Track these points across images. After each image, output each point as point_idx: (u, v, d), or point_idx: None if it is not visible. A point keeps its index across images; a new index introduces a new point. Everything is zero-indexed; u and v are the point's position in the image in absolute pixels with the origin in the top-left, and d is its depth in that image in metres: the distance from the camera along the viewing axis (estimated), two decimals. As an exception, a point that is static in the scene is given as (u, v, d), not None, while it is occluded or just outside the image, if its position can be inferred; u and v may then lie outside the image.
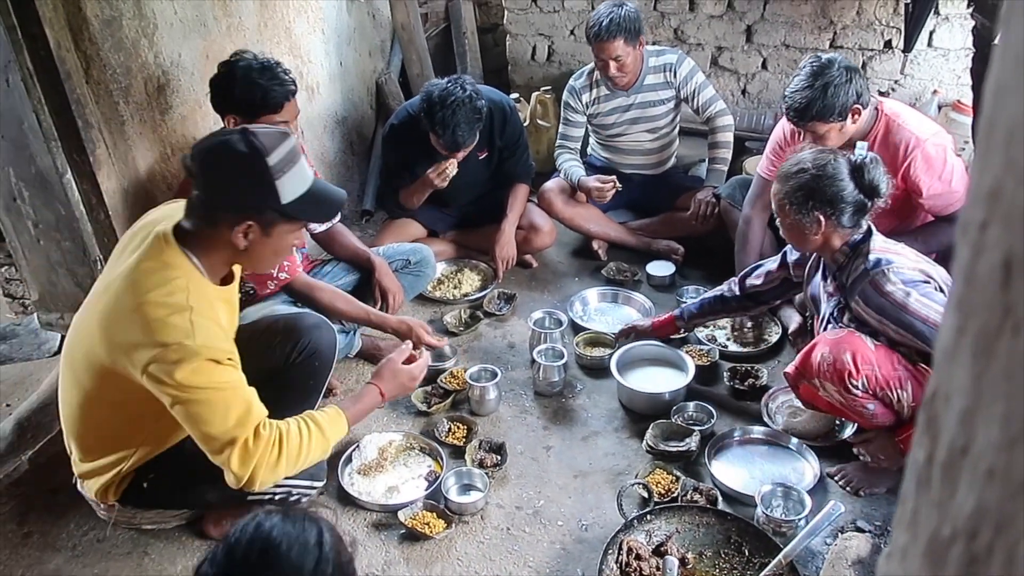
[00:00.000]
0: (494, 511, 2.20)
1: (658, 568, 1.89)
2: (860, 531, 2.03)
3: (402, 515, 2.12)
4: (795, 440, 2.34)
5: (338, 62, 3.73)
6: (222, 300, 1.79)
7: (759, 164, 2.93)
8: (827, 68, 2.40)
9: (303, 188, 1.70)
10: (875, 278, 1.98)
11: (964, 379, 0.36)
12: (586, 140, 3.64)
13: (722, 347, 2.82)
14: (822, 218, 2.04)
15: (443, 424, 2.48)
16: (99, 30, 2.32)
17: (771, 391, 2.55)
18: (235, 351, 1.72)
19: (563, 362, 2.64)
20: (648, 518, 2.04)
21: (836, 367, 1.98)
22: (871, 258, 2.01)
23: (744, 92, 4.05)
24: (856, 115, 2.44)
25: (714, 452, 2.32)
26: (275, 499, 1.96)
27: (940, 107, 3.52)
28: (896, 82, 3.70)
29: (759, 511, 2.06)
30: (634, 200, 3.57)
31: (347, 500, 2.24)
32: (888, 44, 3.64)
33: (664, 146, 3.51)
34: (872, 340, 2.02)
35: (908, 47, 3.49)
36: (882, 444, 2.15)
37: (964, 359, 0.36)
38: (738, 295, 2.53)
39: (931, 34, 3.54)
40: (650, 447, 2.35)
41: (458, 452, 2.39)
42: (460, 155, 2.99)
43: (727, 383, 2.63)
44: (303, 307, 2.46)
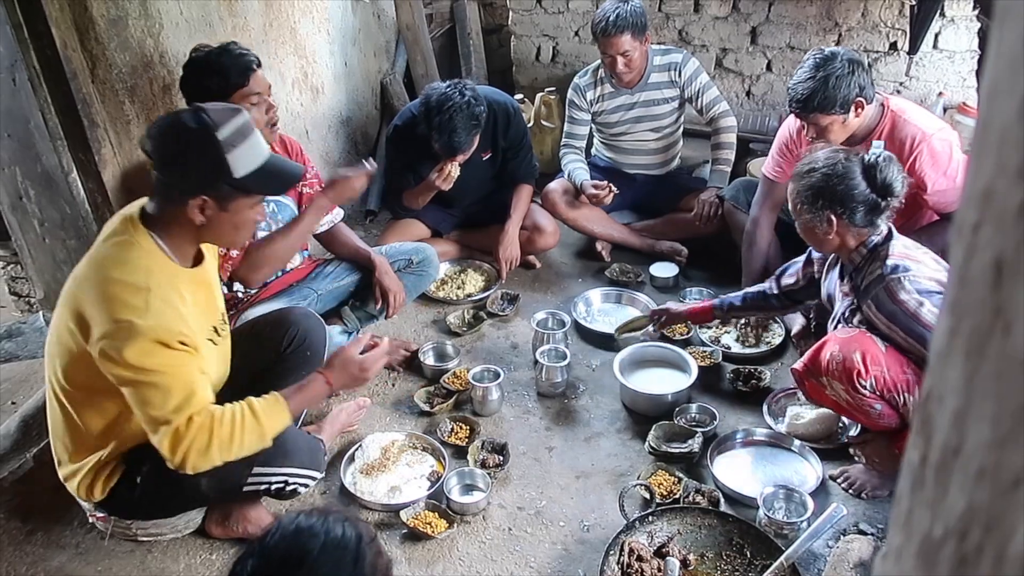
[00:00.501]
0: (496, 511, 2.21)
1: (660, 569, 1.89)
2: (862, 534, 2.03)
3: (404, 515, 2.13)
4: (798, 442, 2.34)
5: (343, 62, 3.74)
6: (193, 282, 1.80)
7: (765, 165, 2.92)
8: (830, 60, 2.40)
9: (257, 162, 1.72)
10: (890, 284, 1.96)
11: (957, 380, 0.36)
12: (591, 140, 3.64)
13: (725, 348, 2.82)
14: (833, 217, 2.03)
15: (446, 424, 2.49)
16: (105, 29, 2.33)
17: (774, 393, 2.55)
18: (192, 335, 1.70)
19: (566, 363, 2.64)
20: (650, 519, 2.03)
21: (845, 366, 1.98)
22: (888, 263, 1.99)
23: (748, 94, 4.04)
24: (859, 108, 2.43)
25: (716, 454, 2.32)
26: (271, 489, 1.95)
27: (945, 109, 3.51)
28: (901, 84, 3.70)
29: (761, 513, 2.06)
30: (638, 201, 3.57)
31: (349, 500, 2.24)
32: (893, 46, 3.63)
33: (668, 146, 3.51)
34: (883, 342, 2.01)
35: (913, 49, 3.48)
36: (879, 447, 2.14)
37: (957, 360, 0.36)
38: (776, 293, 2.52)
39: (936, 36, 3.53)
40: (652, 448, 2.35)
41: (460, 452, 2.39)
42: (459, 159, 3.00)
43: (730, 385, 2.63)
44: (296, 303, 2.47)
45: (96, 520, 2.05)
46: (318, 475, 2.07)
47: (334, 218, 2.73)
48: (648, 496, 2.14)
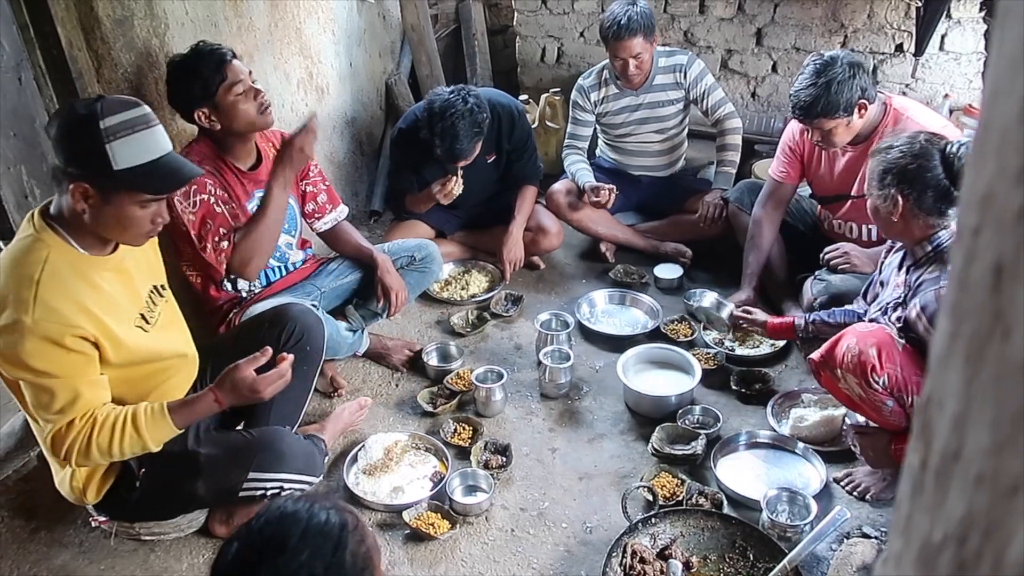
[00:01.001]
0: (499, 512, 2.20)
1: (662, 571, 1.88)
2: (866, 537, 2.02)
3: (407, 515, 2.13)
4: (801, 445, 2.33)
5: (348, 63, 3.75)
6: (109, 269, 1.77)
7: (770, 166, 2.92)
8: (830, 65, 2.40)
9: (144, 158, 1.68)
10: (943, 290, 1.94)
11: (956, 384, 0.36)
12: (595, 141, 3.64)
13: (729, 351, 2.81)
14: (900, 198, 1.98)
15: (449, 425, 2.49)
16: (111, 30, 2.34)
17: (778, 395, 2.55)
18: (87, 324, 1.67)
19: (569, 364, 2.63)
20: (653, 521, 2.03)
21: (860, 359, 1.96)
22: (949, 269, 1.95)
23: (754, 95, 4.04)
24: (863, 110, 2.44)
25: (720, 456, 2.32)
26: (267, 495, 1.95)
27: (952, 111, 3.50)
28: (907, 86, 3.68)
29: (764, 516, 2.05)
30: (642, 202, 3.57)
31: (352, 500, 2.24)
32: (899, 48, 3.62)
33: (672, 148, 3.50)
34: (901, 341, 2.00)
35: (920, 51, 3.47)
36: (877, 442, 2.13)
37: (957, 364, 0.36)
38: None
39: (943, 38, 3.52)
40: (656, 450, 2.35)
41: (463, 453, 2.39)
42: (462, 164, 3.00)
43: (734, 387, 2.63)
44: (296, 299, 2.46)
45: (96, 522, 2.06)
46: (314, 480, 2.08)
47: (338, 216, 2.73)
48: (651, 498, 2.14)
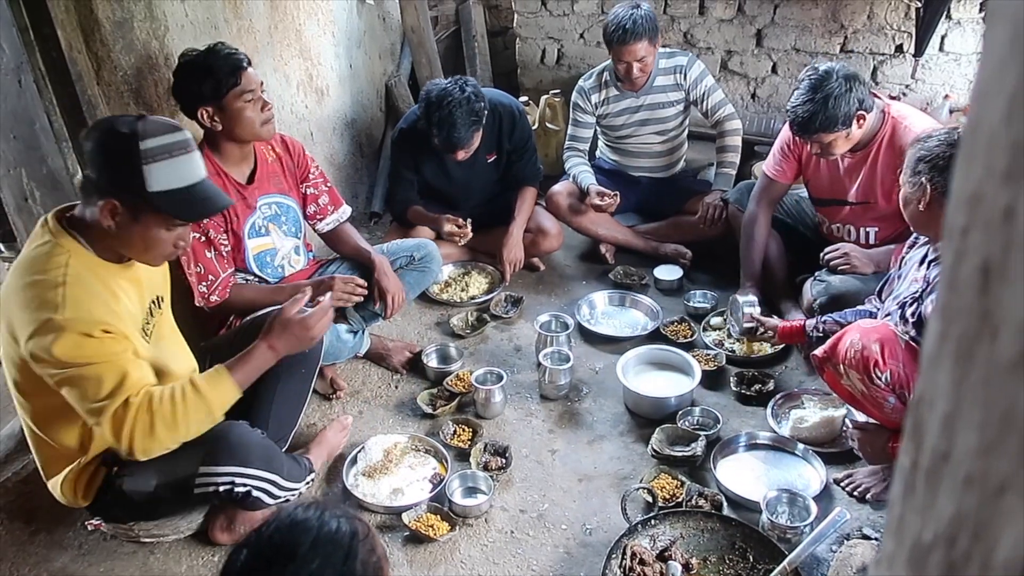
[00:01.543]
0: (498, 514, 2.20)
1: (662, 573, 1.88)
2: (866, 538, 2.01)
3: (406, 517, 2.13)
4: (801, 446, 2.33)
5: (348, 64, 3.75)
6: (124, 279, 1.78)
7: (766, 163, 2.92)
8: (826, 80, 2.39)
9: (178, 183, 1.69)
10: None
11: (946, 385, 0.36)
12: (595, 143, 3.64)
13: (729, 352, 2.81)
14: (928, 185, 1.97)
15: (448, 426, 2.49)
16: (111, 32, 2.34)
17: (778, 396, 2.54)
18: (115, 322, 1.68)
19: (569, 365, 2.63)
20: (652, 523, 2.03)
21: (863, 355, 1.96)
22: None
23: (754, 96, 4.04)
24: (861, 120, 2.45)
25: (719, 457, 2.31)
26: (220, 491, 1.87)
27: (951, 112, 3.49)
28: (907, 87, 3.68)
29: (764, 517, 2.05)
30: (642, 203, 3.56)
31: (351, 502, 2.24)
32: (899, 48, 3.62)
33: (672, 149, 3.50)
34: (905, 338, 2.00)
35: (919, 52, 3.47)
36: (874, 438, 2.13)
37: (946, 365, 0.36)
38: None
39: (943, 39, 3.52)
40: (655, 451, 2.35)
41: (463, 455, 2.39)
42: (460, 156, 3.00)
43: (734, 388, 2.62)
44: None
45: (92, 526, 2.05)
46: (298, 486, 2.04)
47: (340, 217, 2.74)
48: (651, 499, 2.14)
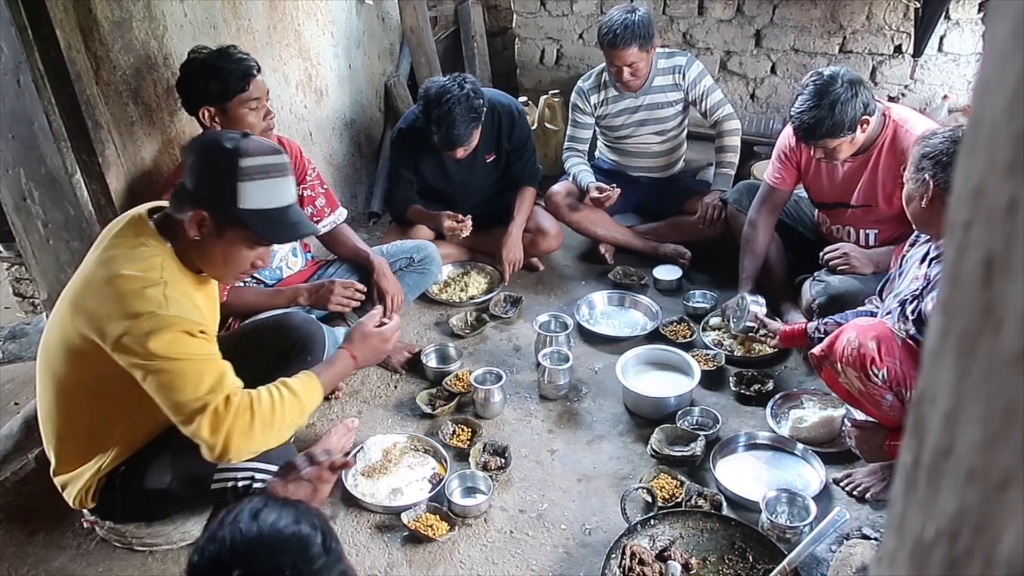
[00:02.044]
0: (497, 514, 2.20)
1: (661, 573, 1.88)
2: (865, 538, 2.01)
3: (405, 517, 2.12)
4: (801, 446, 2.33)
5: (347, 64, 3.75)
6: (198, 289, 1.80)
7: (766, 171, 2.92)
8: (831, 85, 2.38)
9: (269, 204, 1.71)
10: None
11: (948, 380, 0.36)
12: (594, 143, 3.64)
13: (728, 352, 2.81)
14: (931, 182, 1.96)
15: (447, 426, 2.48)
16: (109, 32, 2.34)
17: (777, 396, 2.54)
18: (209, 327, 1.71)
19: (568, 365, 2.63)
20: (652, 523, 2.03)
21: (860, 352, 1.96)
22: None
23: (753, 96, 4.04)
24: (865, 125, 2.45)
25: (719, 457, 2.31)
26: (238, 487, 1.89)
27: (950, 112, 3.50)
28: (906, 87, 3.68)
29: (764, 517, 2.05)
30: (641, 204, 3.56)
31: (350, 501, 2.24)
32: (898, 49, 3.62)
33: (672, 149, 3.50)
34: (902, 335, 1.99)
35: (918, 52, 3.47)
36: (873, 437, 2.13)
37: (948, 360, 0.36)
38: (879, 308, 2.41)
39: (942, 39, 3.52)
40: (655, 451, 2.34)
41: (462, 455, 2.39)
42: (460, 153, 2.99)
43: (733, 388, 2.62)
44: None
45: (87, 523, 2.04)
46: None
47: (336, 219, 2.73)
48: (650, 499, 2.14)
